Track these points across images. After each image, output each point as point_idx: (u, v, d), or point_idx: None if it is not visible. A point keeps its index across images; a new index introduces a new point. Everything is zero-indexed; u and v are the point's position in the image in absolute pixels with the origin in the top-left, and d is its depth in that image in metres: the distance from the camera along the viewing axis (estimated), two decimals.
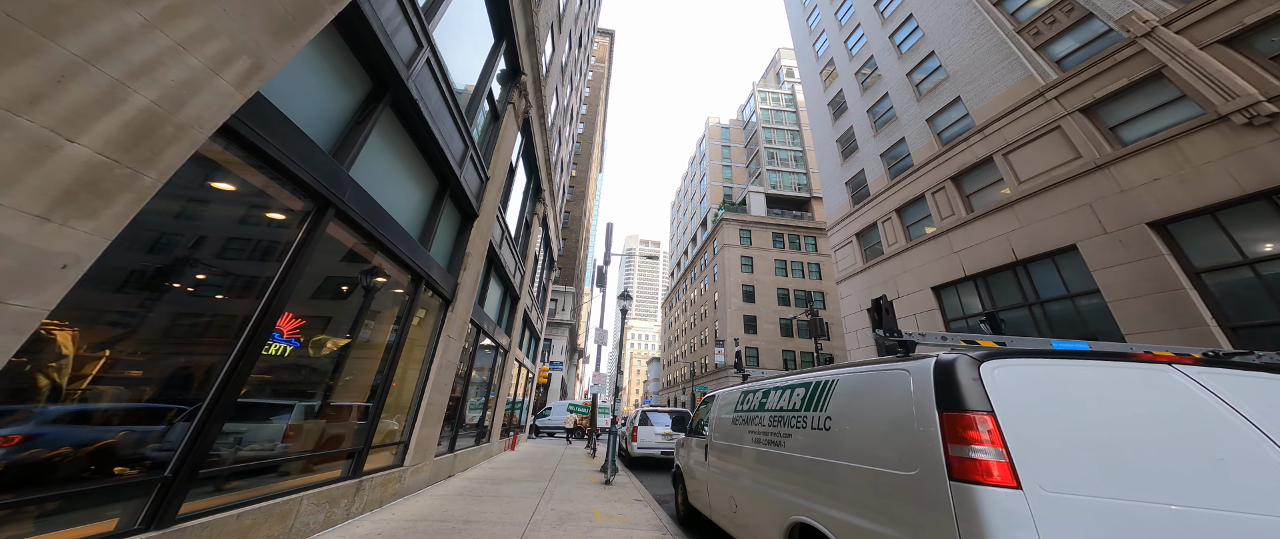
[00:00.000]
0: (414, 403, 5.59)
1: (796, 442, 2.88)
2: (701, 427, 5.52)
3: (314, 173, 3.18)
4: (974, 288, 12.51)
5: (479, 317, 8.40)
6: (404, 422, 5.47)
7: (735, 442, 3.88)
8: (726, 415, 4.32)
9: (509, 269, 10.89)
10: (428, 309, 6.06)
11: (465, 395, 7.94)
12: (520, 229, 12.60)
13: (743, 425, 3.79)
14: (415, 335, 5.70)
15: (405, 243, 4.77)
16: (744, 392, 4.10)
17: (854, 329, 18.40)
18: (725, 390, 4.74)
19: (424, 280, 5.37)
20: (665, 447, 10.89)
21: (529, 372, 17.90)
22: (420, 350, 5.85)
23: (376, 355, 4.68)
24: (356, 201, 3.74)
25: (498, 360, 11.20)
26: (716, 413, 4.69)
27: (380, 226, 4.16)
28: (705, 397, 5.47)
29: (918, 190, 15.90)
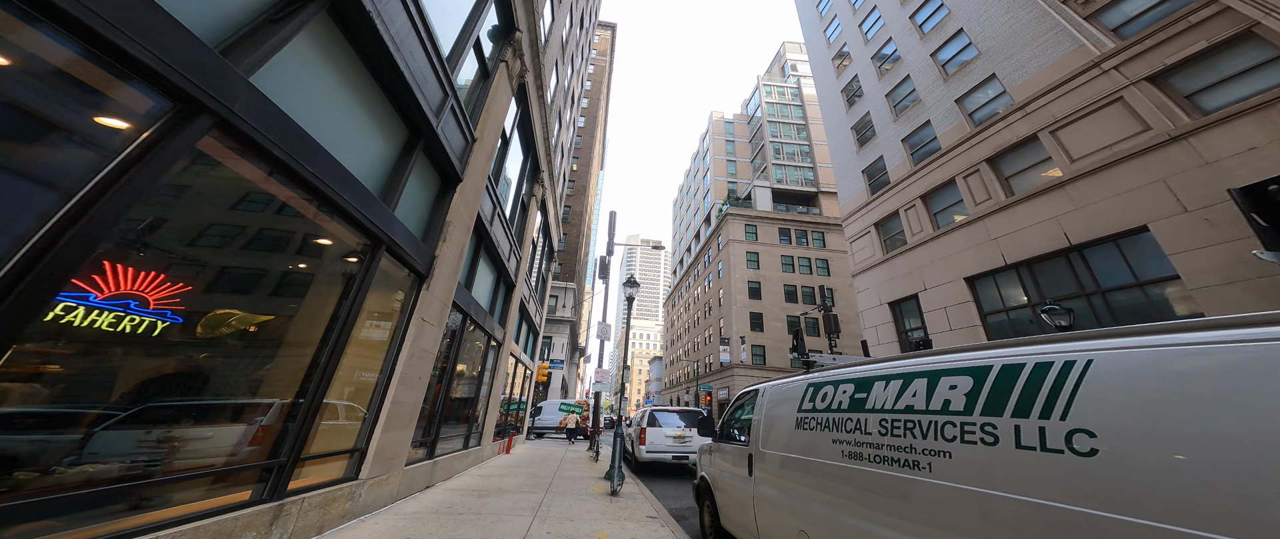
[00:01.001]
0: (375, 401, 4.45)
1: (967, 467, 1.72)
2: (736, 430, 4.38)
3: (175, 61, 2.05)
4: (1016, 277, 11.34)
5: (465, 301, 7.26)
6: (360, 424, 4.32)
7: (807, 453, 2.74)
8: (785, 415, 3.19)
9: (502, 252, 9.75)
10: (393, 285, 4.91)
11: (448, 392, 6.80)
12: (516, 209, 11.45)
13: (819, 432, 2.66)
14: (375, 317, 4.56)
15: (354, 192, 3.63)
16: (813, 385, 2.95)
17: (873, 325, 17.24)
18: (779, 384, 3.59)
19: (385, 245, 4.22)
20: (677, 451, 9.76)
21: (527, 369, 16.76)
22: (383, 336, 4.70)
23: (312, 339, 3.53)
24: (259, 116, 2.59)
25: (490, 354, 10.06)
26: (766, 412, 3.55)
27: (306, 159, 3.02)
28: (744, 392, 4.33)
29: (946, 175, 14.73)
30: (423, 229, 5.55)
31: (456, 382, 7.92)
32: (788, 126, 53.65)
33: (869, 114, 21.57)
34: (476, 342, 9.08)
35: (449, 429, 7.73)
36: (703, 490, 4.91)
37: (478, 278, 8.39)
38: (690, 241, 62.57)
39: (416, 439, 6.03)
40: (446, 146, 5.70)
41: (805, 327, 36.19)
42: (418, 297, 5.15)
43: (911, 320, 15.37)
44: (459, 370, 7.95)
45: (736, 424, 4.43)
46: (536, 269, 17.09)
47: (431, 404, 6.65)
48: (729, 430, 4.47)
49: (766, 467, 3.29)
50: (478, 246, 8.11)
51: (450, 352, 7.03)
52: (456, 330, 7.22)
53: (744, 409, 4.39)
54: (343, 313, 3.69)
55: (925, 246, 14.87)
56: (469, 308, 7.43)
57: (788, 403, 3.20)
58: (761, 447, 3.43)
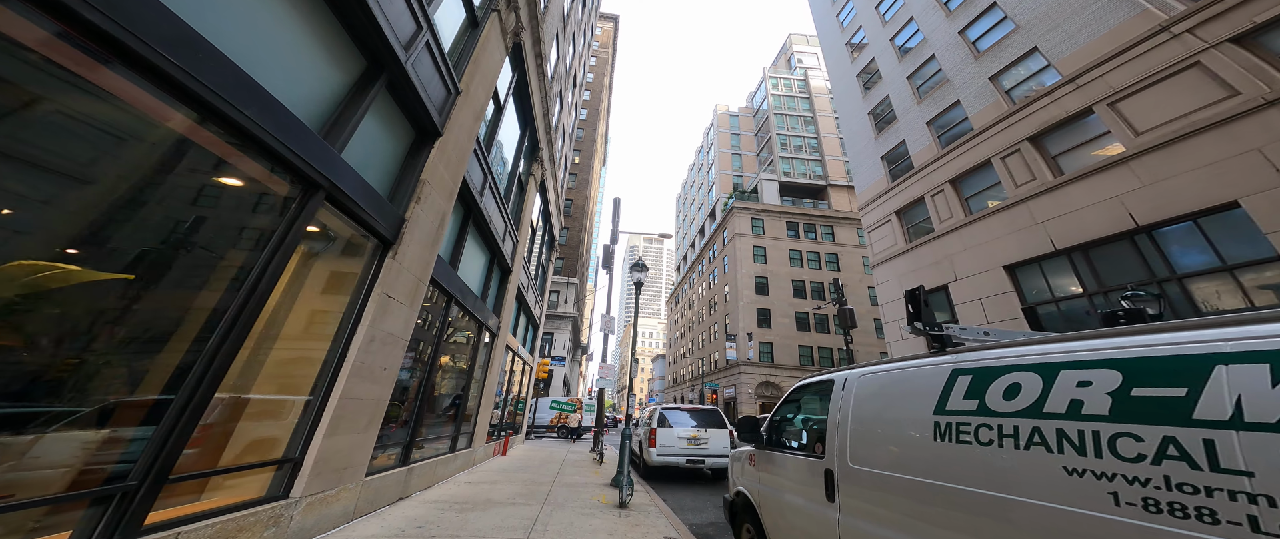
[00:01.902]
0: (318, 397, 3.40)
1: None
2: (791, 435, 3.31)
3: None
4: (1068, 264, 10.21)
5: (449, 280, 6.21)
6: (294, 427, 3.26)
7: (990, 484, 1.63)
8: (900, 418, 2.11)
9: (496, 231, 8.70)
10: (343, 249, 3.85)
11: (427, 387, 5.74)
12: (512, 187, 10.39)
13: (1015, 453, 1.56)
14: (316, 289, 3.51)
15: (270, 114, 2.58)
16: (970, 372, 1.84)
17: (894, 318, 16.13)
18: (876, 373, 2.50)
19: (324, 192, 3.17)
20: (691, 453, 8.70)
21: (527, 365, 15.74)
22: (327, 314, 3.64)
23: (198, 310, 2.48)
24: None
25: (483, 346, 9.02)
26: (856, 411, 2.47)
27: (186, 59, 1.95)
28: (803, 385, 3.26)
29: (980, 156, 13.58)
30: (389, 186, 4.49)
31: (442, 375, 6.88)
32: (794, 119, 52.39)
33: (888, 98, 20.42)
34: (466, 331, 8.04)
35: (432, 430, 6.69)
36: (741, 509, 3.84)
37: (466, 256, 7.34)
38: (694, 237, 61.45)
39: (384, 443, 4.99)
40: (419, 90, 4.65)
41: (814, 323, 35.08)
42: (380, 266, 4.10)
43: (940, 313, 14.25)
44: (444, 362, 6.90)
45: (792, 427, 3.36)
46: (536, 258, 16.05)
47: (410, 401, 5.61)
48: (780, 435, 3.41)
49: (865, 492, 2.22)
50: (465, 220, 7.05)
51: (432, 340, 5.98)
52: (439, 315, 6.17)
53: (804, 407, 3.31)
54: (253, 279, 2.63)
55: (956, 234, 13.74)
56: (454, 289, 6.37)
57: (905, 400, 2.11)
58: (850, 461, 2.36)
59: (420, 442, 5.98)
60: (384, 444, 5.05)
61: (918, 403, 2.00)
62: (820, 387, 3.05)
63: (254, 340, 2.92)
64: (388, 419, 5.15)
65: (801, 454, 2.91)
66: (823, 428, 2.80)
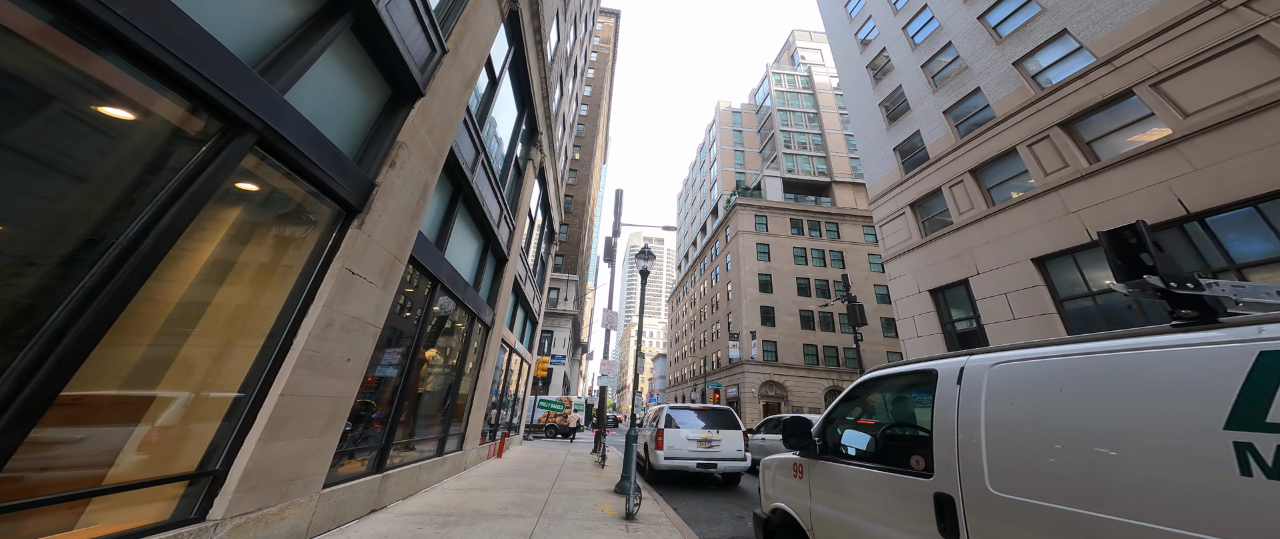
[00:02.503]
0: (251, 393, 2.70)
1: None
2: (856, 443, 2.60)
3: None
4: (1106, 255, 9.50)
5: (435, 264, 5.50)
6: (217, 432, 2.55)
7: None
8: (1136, 432, 1.25)
9: (490, 215, 7.99)
10: (290, 212, 3.15)
11: (409, 383, 5.03)
12: (508, 170, 9.69)
13: None
14: (251, 258, 2.80)
15: (177, 37, 1.87)
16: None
17: (909, 314, 15.43)
18: (1004, 358, 1.77)
19: (256, 135, 2.48)
20: (702, 456, 8.00)
21: (524, 362, 15.03)
22: (266, 292, 2.94)
23: (62, 277, 1.78)
24: None
25: (475, 339, 8.31)
26: (992, 417, 1.72)
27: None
28: (875, 377, 2.50)
29: (1005, 144, 12.87)
30: (356, 145, 3.79)
31: (427, 371, 6.18)
32: (798, 115, 51.66)
33: (901, 88, 19.72)
34: (456, 322, 7.33)
35: (416, 431, 5.98)
36: (781, 532, 3.13)
37: (456, 239, 6.63)
38: (696, 235, 60.75)
39: (353, 447, 4.28)
40: (396, 39, 3.95)
41: (819, 321, 34.38)
42: (341, 236, 3.39)
43: (958, 309, 13.56)
44: (430, 357, 6.19)
45: (859, 432, 2.64)
46: (535, 250, 15.34)
47: (387, 399, 4.91)
48: (837, 442, 2.69)
49: (1029, 535, 1.50)
50: (454, 198, 6.34)
51: (415, 330, 5.27)
52: (423, 302, 5.46)
53: (882, 407, 2.60)
54: (133, 240, 1.92)
55: (977, 226, 13.04)
56: (441, 273, 5.67)
57: (1132, 401, 1.33)
58: (989, 486, 1.64)
59: (401, 445, 5.28)
60: (352, 448, 4.35)
61: (1175, 408, 1.24)
62: (908, 380, 2.32)
63: (161, 324, 2.22)
64: (358, 419, 4.45)
65: (884, 469, 2.19)
66: (917, 435, 2.10)
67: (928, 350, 14.26)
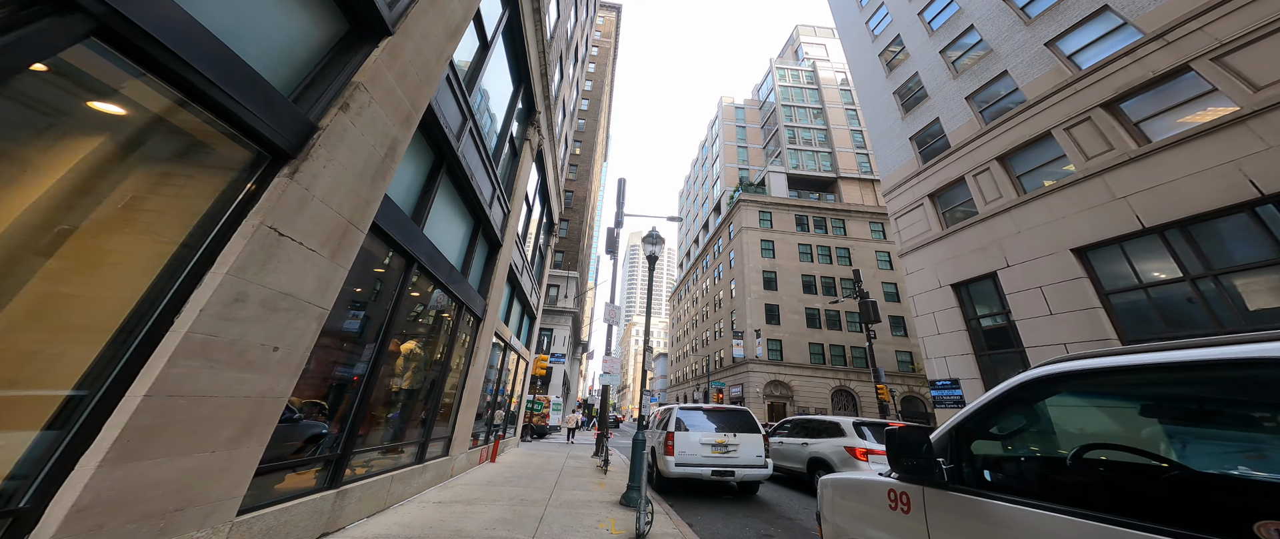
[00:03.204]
0: (96, 390, 1.84)
1: None
2: (1019, 472, 1.71)
3: None
4: (1161, 243, 8.63)
5: (410, 239, 4.64)
6: (27, 449, 1.68)
7: None
8: None
9: (481, 193, 7.13)
10: (173, 144, 2.28)
11: (374, 380, 4.16)
12: (503, 146, 8.82)
13: None
14: (109, 205, 1.94)
15: None
16: None
17: (928, 310, 14.56)
18: None
19: (96, 24, 1.61)
20: (718, 463, 7.14)
21: (521, 359, 14.17)
22: (129, 249, 2.07)
23: None
24: None
25: (464, 331, 7.46)
26: None
27: None
28: (1053, 376, 1.56)
29: (1037, 128, 12.00)
30: (291, 81, 2.93)
31: (404, 365, 5.32)
32: (803, 111, 50.77)
33: (917, 75, 18.86)
34: (441, 312, 6.47)
35: (388, 436, 5.13)
36: None
37: (439, 215, 5.76)
38: (697, 232, 59.89)
39: (293, 458, 3.42)
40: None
41: (825, 320, 33.52)
42: (262, 186, 2.52)
43: (984, 305, 12.70)
44: (407, 350, 5.33)
45: (1035, 456, 1.75)
46: (534, 241, 14.47)
47: (347, 400, 4.05)
48: (997, 469, 1.80)
49: None
50: (437, 167, 5.48)
51: (384, 317, 4.40)
52: (394, 283, 4.59)
53: (1069, 423, 1.71)
54: None
55: (1007, 215, 12.17)
56: (418, 251, 4.80)
57: None
58: None
59: (366, 452, 4.42)
60: (295, 460, 3.49)
61: None
62: (1152, 375, 1.38)
63: None
64: (297, 423, 3.59)
65: (1119, 524, 1.27)
66: (1178, 472, 1.23)
67: (948, 349, 13.41)
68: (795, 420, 9.37)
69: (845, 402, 30.63)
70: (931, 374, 13.92)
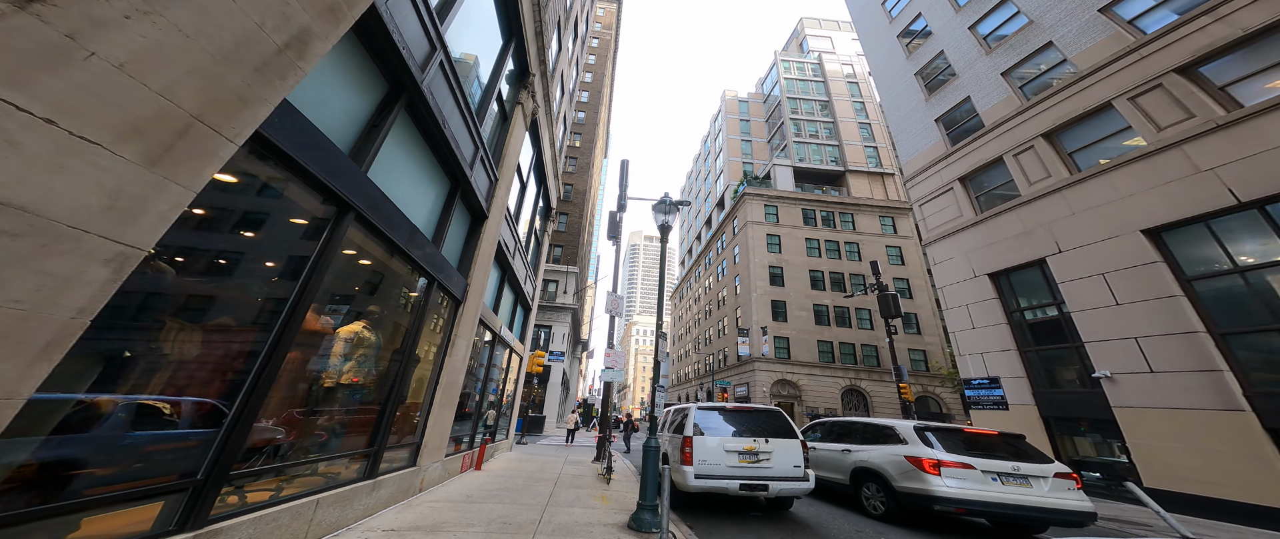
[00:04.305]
0: None
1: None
2: None
3: None
4: (1262, 220, 7.37)
5: (338, 174, 3.37)
6: None
7: None
8: None
9: (460, 151, 5.86)
10: None
11: (271, 365, 2.86)
12: (489, 103, 7.54)
13: None
14: None
15: None
16: None
17: (961, 303, 13.32)
18: None
19: None
20: (747, 475, 5.86)
21: (515, 353, 12.88)
22: None
23: None
24: None
25: (437, 313, 6.18)
26: None
27: None
28: None
29: (1093, 100, 10.74)
30: None
31: (345, 353, 4.03)
32: (809, 103, 49.43)
33: (943, 53, 17.61)
34: (404, 289, 5.18)
35: (316, 443, 3.84)
36: None
37: (393, 159, 4.47)
38: (700, 228, 58.61)
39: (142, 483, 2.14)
40: None
41: (835, 316, 32.25)
42: None
43: (1029, 295, 11.44)
44: (349, 333, 4.05)
45: None
46: (529, 224, 13.18)
47: (248, 400, 2.77)
48: None
49: None
50: (391, 100, 4.19)
51: (301, 278, 3.11)
52: (312, 234, 3.29)
53: None
54: None
55: (1058, 196, 10.90)
56: (352, 192, 3.51)
57: None
58: None
59: (261, 470, 3.13)
60: (106, 494, 2.20)
61: None
62: None
63: None
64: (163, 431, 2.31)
65: None
66: None
67: (986, 344, 12.16)
68: (831, 423, 8.10)
69: (856, 401, 29.39)
70: (965, 372, 12.68)
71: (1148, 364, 8.33)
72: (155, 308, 2.36)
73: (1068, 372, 10.08)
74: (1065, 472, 5.16)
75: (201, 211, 2.58)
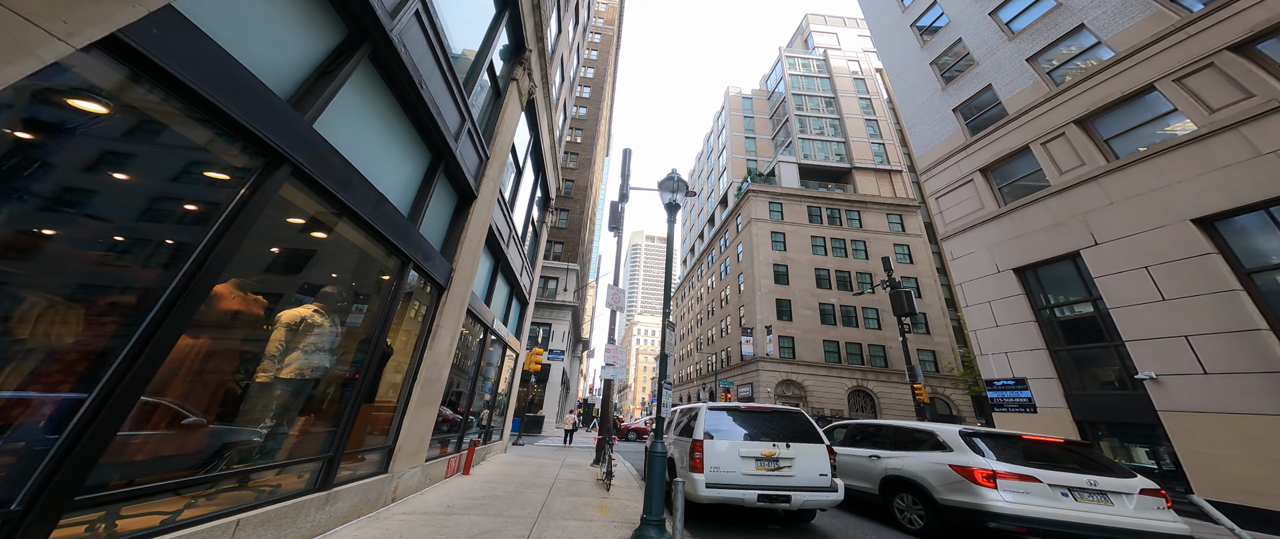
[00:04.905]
0: None
1: None
2: None
3: None
4: None
5: (269, 118, 2.66)
6: None
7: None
8: None
9: (443, 120, 5.19)
10: None
11: (153, 347, 2.18)
12: (478, 71, 6.85)
13: None
14: None
15: None
16: None
17: (982, 300, 12.59)
18: None
19: None
20: (766, 483, 5.15)
21: (509, 350, 12.18)
22: None
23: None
24: None
25: (414, 298, 5.50)
26: None
27: None
28: None
29: (1133, 83, 10.00)
30: None
31: (289, 341, 3.34)
32: (814, 100, 48.65)
33: (961, 41, 16.88)
34: (380, 274, 4.49)
35: (250, 449, 3.15)
36: None
37: (351, 112, 3.77)
38: (702, 227, 57.89)
39: None
40: None
41: (841, 315, 31.50)
42: None
43: (1061, 291, 10.71)
44: (288, 317, 3.35)
45: None
46: (526, 213, 12.48)
47: (109, 399, 2.08)
48: None
49: None
50: (351, 45, 3.50)
51: (206, 234, 2.41)
52: (234, 188, 2.59)
53: None
54: None
55: (1094, 184, 10.16)
56: (284, 139, 2.81)
57: None
58: None
59: (157, 482, 2.44)
60: None
61: None
62: None
63: None
64: None
65: None
66: None
67: (1011, 343, 11.43)
68: (854, 426, 7.38)
69: (863, 403, 28.64)
70: (988, 372, 11.94)
71: (1201, 365, 7.60)
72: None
73: (1105, 372, 9.35)
74: (1153, 488, 4.43)
75: (36, 141, 1.88)
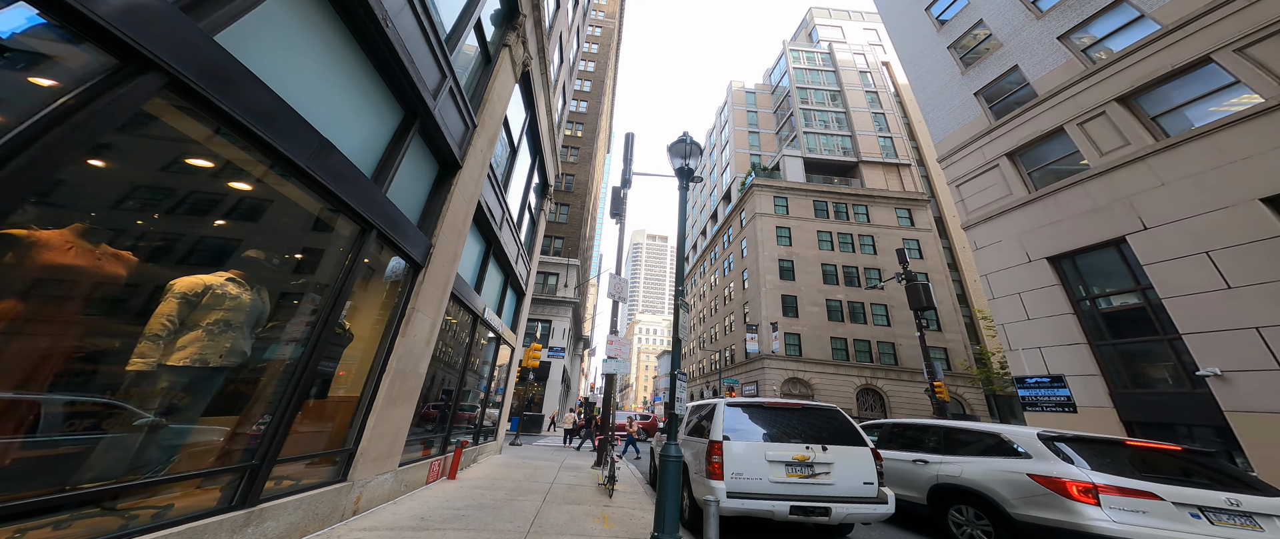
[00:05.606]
0: None
1: None
2: None
3: None
4: None
5: (167, 37, 1.83)
6: None
7: None
8: None
9: (418, 74, 4.40)
10: None
11: (101, 352, 1.41)
12: (464, 28, 6.04)
13: None
14: None
15: None
16: None
17: (1011, 291, 11.76)
18: None
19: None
20: (800, 494, 4.32)
21: (504, 343, 11.38)
22: None
23: None
24: None
25: (385, 286, 4.70)
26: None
27: None
28: None
29: (1185, 55, 9.15)
30: None
31: (191, 321, 2.54)
32: (819, 94, 47.73)
33: (982, 22, 16.04)
34: (331, 242, 3.70)
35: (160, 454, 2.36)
36: None
37: (277, 35, 2.96)
38: (705, 223, 57.03)
39: None
40: None
41: (848, 312, 30.65)
42: None
43: (1102, 281, 9.86)
44: (182, 286, 2.55)
45: None
46: (522, 197, 11.68)
47: None
48: None
49: None
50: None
51: None
52: (63, 90, 1.79)
53: None
54: None
55: (1141, 164, 9.31)
56: (159, 44, 1.99)
57: None
58: None
59: None
60: None
61: None
62: None
63: None
64: None
65: None
66: None
67: (1045, 338, 10.60)
68: (892, 426, 6.57)
69: (872, 402, 27.82)
70: (1018, 368, 11.12)
71: (1276, 359, 6.78)
72: None
73: (1158, 369, 8.52)
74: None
75: None
